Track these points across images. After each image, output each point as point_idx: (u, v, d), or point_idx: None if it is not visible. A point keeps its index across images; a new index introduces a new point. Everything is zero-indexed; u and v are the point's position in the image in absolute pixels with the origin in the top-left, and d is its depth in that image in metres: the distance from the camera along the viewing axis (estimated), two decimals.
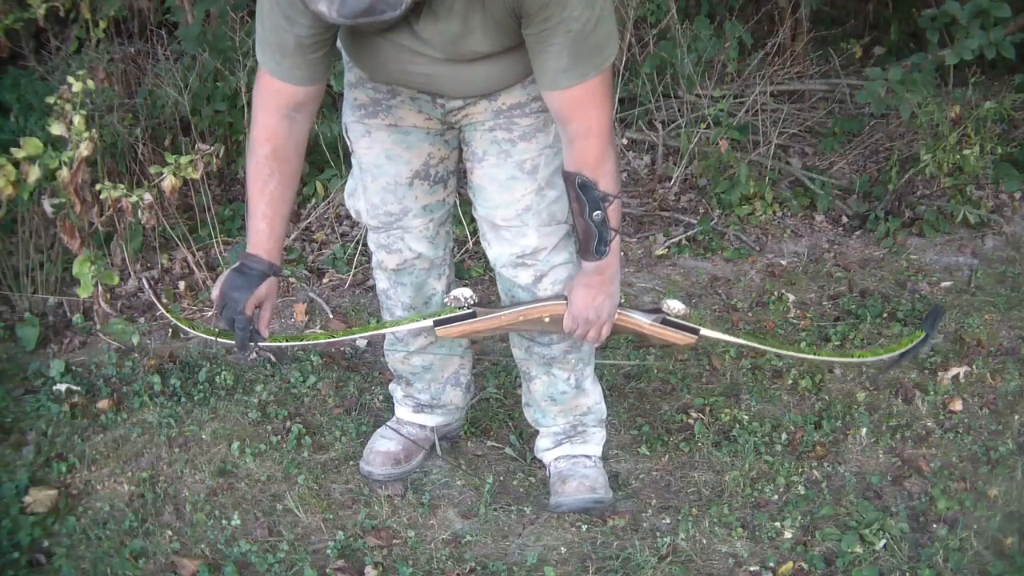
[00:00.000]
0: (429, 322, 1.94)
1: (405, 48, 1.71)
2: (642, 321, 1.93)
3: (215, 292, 1.81)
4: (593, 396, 2.15)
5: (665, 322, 1.93)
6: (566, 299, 1.89)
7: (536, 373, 2.11)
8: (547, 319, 1.91)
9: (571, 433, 2.16)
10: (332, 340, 2.02)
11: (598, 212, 1.75)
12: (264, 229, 1.79)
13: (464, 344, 2.22)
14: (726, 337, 2.06)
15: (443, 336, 1.96)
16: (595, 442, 2.18)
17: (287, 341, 2.16)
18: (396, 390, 2.29)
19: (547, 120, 1.85)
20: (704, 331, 1.96)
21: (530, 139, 1.87)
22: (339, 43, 1.86)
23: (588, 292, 1.85)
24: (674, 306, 1.93)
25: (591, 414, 2.16)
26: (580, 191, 1.75)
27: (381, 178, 1.95)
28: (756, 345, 2.20)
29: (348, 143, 1.99)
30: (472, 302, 1.92)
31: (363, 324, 2.81)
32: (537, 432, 2.23)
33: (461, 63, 1.72)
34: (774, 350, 2.28)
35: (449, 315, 1.94)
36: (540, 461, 2.23)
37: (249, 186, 1.79)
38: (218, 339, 1.97)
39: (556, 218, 1.93)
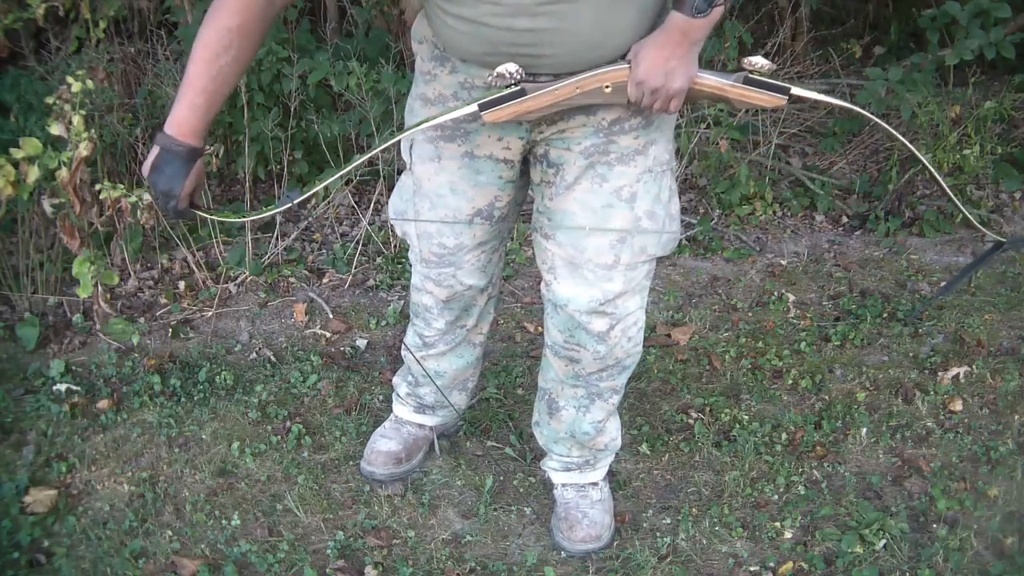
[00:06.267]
0: (474, 106, 1.64)
1: None
2: (723, 83, 1.63)
3: (147, 178, 1.70)
4: (611, 433, 2.07)
5: (748, 81, 1.63)
6: (630, 64, 1.60)
7: (565, 405, 2.00)
8: (608, 88, 1.61)
9: (582, 464, 2.09)
10: (329, 179, 1.77)
11: None
12: (201, 105, 1.64)
13: (478, 355, 2.19)
14: (819, 96, 1.72)
15: (491, 120, 1.65)
16: (603, 467, 2.12)
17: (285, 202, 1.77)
18: (400, 386, 2.26)
19: (646, 142, 1.73)
20: (795, 90, 1.65)
21: (628, 162, 1.72)
22: (416, 44, 1.79)
23: (661, 52, 1.55)
24: (757, 62, 1.62)
25: (607, 450, 2.09)
26: None
27: (440, 209, 1.85)
28: (849, 106, 1.84)
29: (407, 160, 1.88)
30: (520, 76, 1.61)
31: (363, 323, 2.81)
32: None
33: (567, 0, 1.53)
34: (869, 115, 1.88)
35: (495, 96, 1.63)
36: (540, 463, 2.23)
37: (194, 56, 1.62)
38: (248, 216, 1.81)
39: (646, 251, 1.79)
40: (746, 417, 2.42)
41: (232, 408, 2.44)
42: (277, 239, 3.09)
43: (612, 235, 1.76)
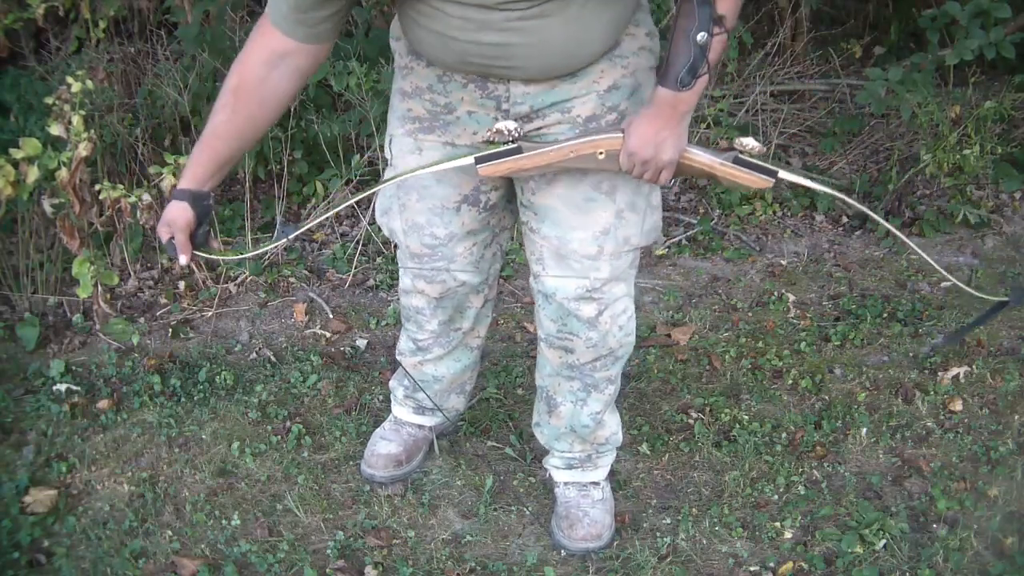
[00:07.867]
0: (470, 159, 1.71)
1: (473, 6, 1.57)
2: (713, 161, 1.68)
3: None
4: (611, 427, 2.08)
5: (738, 161, 1.67)
6: (623, 132, 1.66)
7: (562, 400, 2.01)
8: (601, 154, 1.67)
9: (584, 460, 2.10)
10: (342, 205, 1.89)
11: (703, 35, 1.52)
12: (195, 150, 1.71)
13: (475, 358, 2.19)
14: (805, 181, 1.77)
15: (486, 175, 1.72)
16: (604, 465, 2.13)
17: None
18: (397, 389, 2.26)
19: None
20: (782, 173, 1.70)
21: None
22: (393, 41, 1.81)
23: (652, 125, 1.61)
24: (748, 143, 1.66)
25: (608, 444, 2.10)
26: (697, 4, 1.52)
27: (428, 199, 1.87)
28: (833, 192, 1.87)
29: (388, 157, 1.89)
30: (517, 135, 1.67)
31: (363, 323, 2.81)
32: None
33: (537, 17, 1.56)
34: (837, 196, 1.89)
35: (492, 152, 1.69)
36: (541, 462, 2.22)
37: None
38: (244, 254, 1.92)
39: (630, 242, 1.82)
40: (746, 417, 2.42)
41: (232, 408, 2.44)
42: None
43: (596, 226, 1.79)
